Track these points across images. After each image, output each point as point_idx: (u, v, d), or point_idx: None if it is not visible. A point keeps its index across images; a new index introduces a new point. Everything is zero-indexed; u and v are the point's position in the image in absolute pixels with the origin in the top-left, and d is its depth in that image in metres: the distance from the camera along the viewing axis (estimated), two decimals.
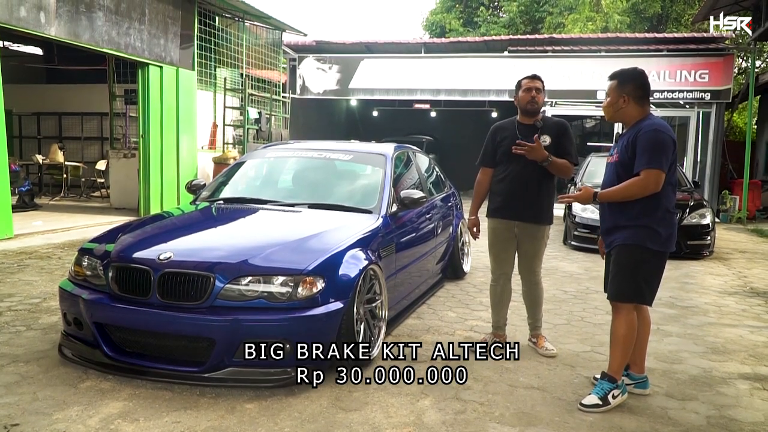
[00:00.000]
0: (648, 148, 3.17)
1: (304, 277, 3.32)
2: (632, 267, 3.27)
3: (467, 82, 14.94)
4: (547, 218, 4.09)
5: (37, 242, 7.65)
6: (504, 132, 4.12)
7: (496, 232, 4.17)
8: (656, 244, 3.24)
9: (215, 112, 12.65)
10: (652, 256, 3.25)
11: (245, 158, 5.61)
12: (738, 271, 7.54)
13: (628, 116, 3.35)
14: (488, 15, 26.93)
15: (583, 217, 8.61)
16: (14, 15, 7.62)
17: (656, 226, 3.22)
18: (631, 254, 3.26)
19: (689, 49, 13.78)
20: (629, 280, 3.27)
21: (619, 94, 3.33)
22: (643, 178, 3.16)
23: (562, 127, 4.08)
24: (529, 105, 4.02)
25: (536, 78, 4.08)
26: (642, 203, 3.22)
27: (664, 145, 3.19)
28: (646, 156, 3.16)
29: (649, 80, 3.41)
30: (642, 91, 3.33)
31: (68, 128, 14.95)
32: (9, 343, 3.95)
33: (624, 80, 3.34)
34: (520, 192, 4.01)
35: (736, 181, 13.75)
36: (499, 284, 4.23)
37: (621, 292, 3.30)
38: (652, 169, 3.14)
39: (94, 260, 3.64)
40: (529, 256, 4.14)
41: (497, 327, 4.28)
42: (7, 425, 2.85)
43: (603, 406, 3.22)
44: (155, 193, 10.53)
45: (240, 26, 13.13)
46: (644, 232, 3.23)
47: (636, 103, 3.32)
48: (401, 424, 2.99)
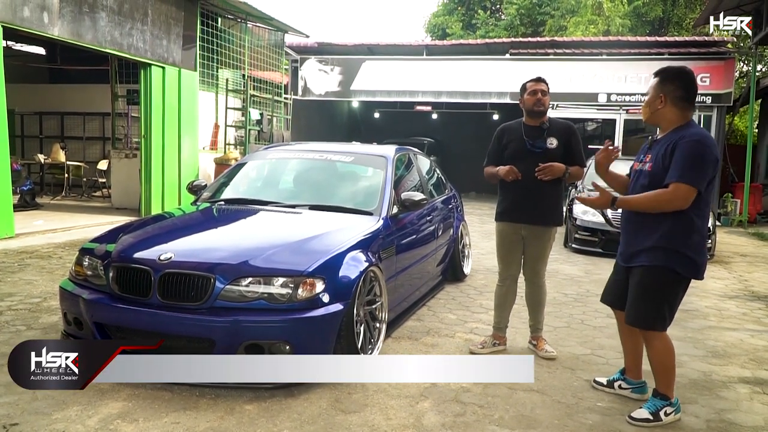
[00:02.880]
0: (686, 159, 2.87)
1: (305, 279, 3.33)
2: (657, 290, 3.03)
3: (469, 84, 14.95)
4: (553, 220, 4.09)
5: (38, 242, 7.65)
6: (510, 134, 4.12)
7: (503, 234, 4.18)
8: (688, 270, 3.00)
9: (217, 112, 12.66)
10: (680, 282, 3.05)
11: (246, 159, 5.61)
12: (739, 274, 7.54)
13: (665, 119, 3.07)
14: (488, 17, 26.93)
15: (584, 220, 8.60)
16: (18, 15, 7.64)
17: (689, 252, 2.97)
18: (658, 277, 3.02)
19: (690, 52, 13.80)
20: (652, 306, 3.05)
21: (657, 93, 3.06)
22: (671, 192, 2.89)
23: (570, 130, 4.07)
24: (535, 107, 3.99)
25: (541, 80, 4.07)
26: (675, 223, 2.95)
27: (705, 160, 2.89)
28: (679, 168, 2.87)
29: (696, 82, 3.12)
30: (684, 93, 3.03)
31: (70, 128, 14.96)
32: (9, 342, 3.95)
33: (665, 78, 3.06)
34: (527, 194, 3.99)
35: (737, 185, 13.74)
36: (505, 285, 4.24)
37: (641, 317, 3.10)
38: (683, 184, 2.86)
39: (95, 260, 3.65)
40: (535, 258, 4.14)
41: (498, 328, 4.27)
42: (6, 425, 2.85)
43: (653, 422, 3.08)
44: (156, 194, 10.53)
45: (242, 27, 13.14)
46: (675, 257, 2.97)
47: (674, 106, 3.03)
48: (400, 426, 2.99)
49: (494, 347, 4.19)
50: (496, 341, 4.23)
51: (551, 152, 3.94)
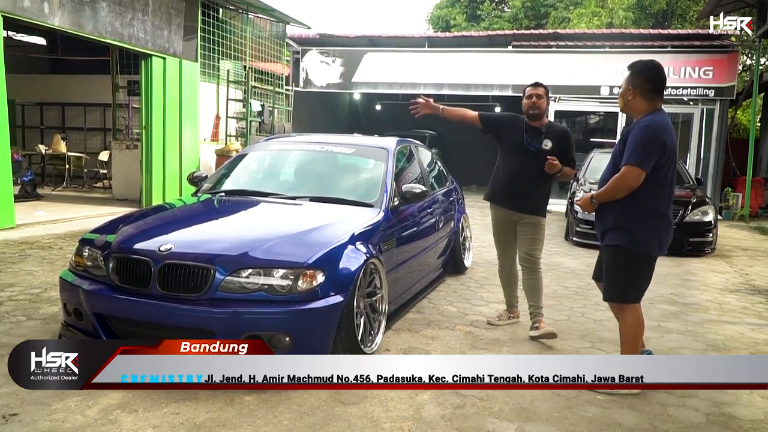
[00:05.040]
0: (633, 144, 3.18)
1: (305, 270, 3.32)
2: (617, 269, 3.33)
3: (471, 76, 14.87)
4: (539, 211, 4.38)
5: (39, 232, 7.65)
6: (515, 126, 4.41)
7: (497, 220, 4.53)
8: (638, 246, 3.25)
9: (218, 104, 12.63)
10: (635, 258, 3.28)
11: (247, 151, 5.60)
12: (740, 268, 7.53)
13: (635, 109, 3.34)
14: (492, 9, 26.83)
15: (585, 213, 8.57)
16: (18, 5, 7.61)
17: (637, 229, 3.24)
18: (616, 256, 3.33)
19: (694, 45, 13.73)
20: (615, 282, 3.36)
21: (628, 86, 3.33)
22: (622, 173, 3.19)
23: (565, 135, 4.39)
24: (530, 110, 4.31)
25: (538, 85, 4.34)
26: (622, 204, 3.25)
27: (651, 143, 3.16)
28: (628, 152, 3.18)
29: (663, 75, 3.36)
30: (651, 85, 3.29)
31: (71, 119, 14.93)
32: (9, 332, 3.96)
33: (635, 72, 3.33)
34: (516, 185, 4.33)
35: (739, 179, 13.70)
36: (506, 269, 4.62)
37: (607, 293, 3.42)
38: (630, 166, 3.16)
39: (95, 251, 3.64)
40: (527, 240, 4.39)
41: (510, 305, 4.68)
42: (6, 415, 2.85)
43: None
44: (157, 185, 10.52)
45: (244, 18, 13.09)
46: (625, 235, 3.26)
47: (642, 97, 3.29)
48: (400, 418, 2.99)
49: (509, 320, 4.63)
50: (511, 315, 4.66)
51: (544, 152, 4.21)
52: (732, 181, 14.20)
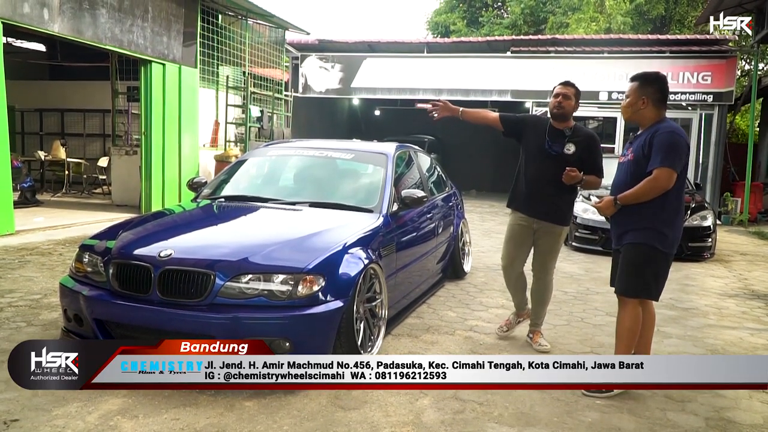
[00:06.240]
0: (663, 148, 3.28)
1: (305, 276, 3.33)
2: (640, 264, 3.40)
3: (470, 82, 14.92)
4: (562, 220, 4.14)
5: (39, 238, 7.66)
6: (537, 128, 4.14)
7: (515, 228, 4.23)
8: (663, 245, 3.37)
9: (217, 109, 12.65)
10: (659, 255, 3.39)
11: (247, 156, 5.61)
12: (739, 273, 7.54)
13: (646, 118, 3.46)
14: (492, 15, 26.90)
15: (585, 218, 8.59)
16: (18, 11, 7.63)
17: (662, 228, 3.35)
18: (640, 252, 3.39)
19: (692, 50, 13.78)
20: (637, 277, 3.41)
21: (639, 96, 3.44)
22: (656, 176, 3.27)
23: (592, 140, 4.11)
24: (555, 109, 4.04)
25: (568, 84, 4.07)
26: (650, 206, 3.34)
27: (679, 147, 3.32)
28: (660, 155, 3.27)
29: (668, 85, 3.53)
30: (661, 95, 3.45)
31: (70, 125, 14.93)
32: (9, 339, 3.96)
33: (645, 82, 3.45)
34: (538, 191, 4.07)
35: (738, 184, 13.73)
36: (512, 279, 4.35)
37: (629, 287, 3.44)
38: (664, 168, 3.25)
39: (95, 257, 3.65)
40: (545, 252, 4.20)
41: (519, 308, 4.43)
42: (7, 421, 2.86)
43: (606, 392, 3.36)
44: (157, 191, 10.53)
45: (243, 24, 13.12)
46: (652, 234, 3.35)
47: (654, 106, 3.43)
48: (400, 423, 3.00)
49: (519, 324, 4.46)
50: (519, 318, 4.45)
51: (566, 157, 3.97)
52: (731, 186, 14.23)
